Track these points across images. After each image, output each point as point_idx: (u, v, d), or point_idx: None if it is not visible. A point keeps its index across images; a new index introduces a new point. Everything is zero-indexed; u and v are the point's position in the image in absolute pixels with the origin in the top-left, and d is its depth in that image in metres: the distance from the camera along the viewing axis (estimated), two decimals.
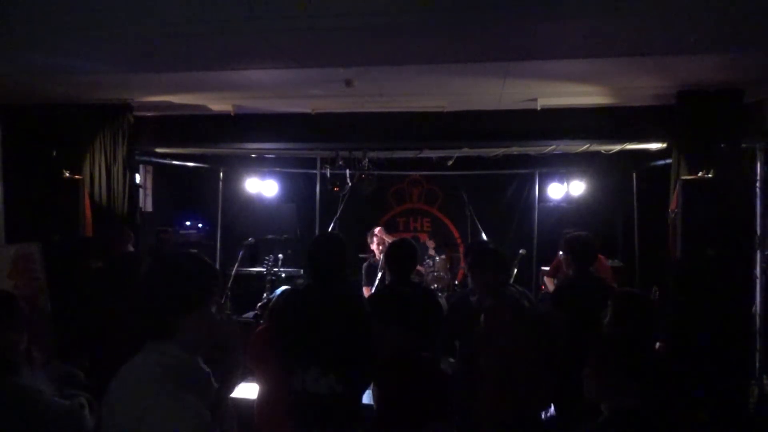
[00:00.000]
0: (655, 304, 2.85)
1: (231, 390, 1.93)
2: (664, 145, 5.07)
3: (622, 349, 1.98)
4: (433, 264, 7.15)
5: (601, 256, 4.89)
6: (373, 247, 6.15)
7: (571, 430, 1.94)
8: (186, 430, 1.45)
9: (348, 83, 4.34)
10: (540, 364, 2.94)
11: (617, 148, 5.37)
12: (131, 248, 4.80)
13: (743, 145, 4.54)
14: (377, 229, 6.20)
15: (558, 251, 6.33)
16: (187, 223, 7.88)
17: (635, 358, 1.94)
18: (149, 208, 7.23)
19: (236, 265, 6.33)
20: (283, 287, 3.75)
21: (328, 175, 6.29)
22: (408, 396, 2.63)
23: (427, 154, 6.18)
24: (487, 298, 3.18)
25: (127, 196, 5.32)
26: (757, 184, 4.72)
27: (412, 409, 2.62)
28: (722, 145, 4.37)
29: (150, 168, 7.08)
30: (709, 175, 4.33)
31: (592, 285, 3.65)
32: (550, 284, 6.21)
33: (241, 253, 6.22)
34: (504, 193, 8.24)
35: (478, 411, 2.97)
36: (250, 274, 7.25)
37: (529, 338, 2.95)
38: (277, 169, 7.95)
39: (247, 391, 3.55)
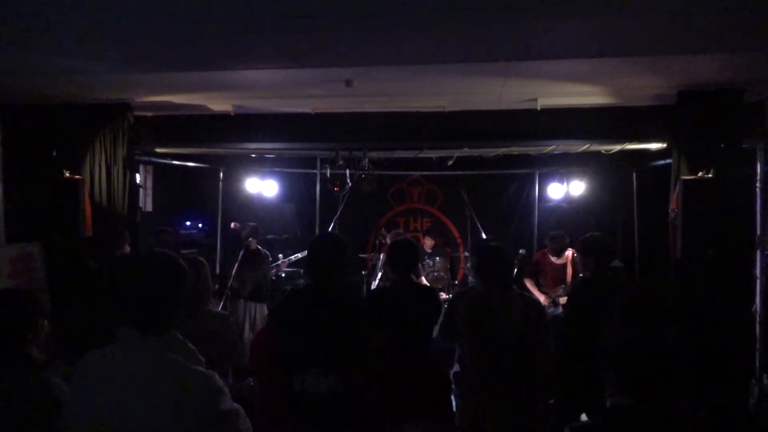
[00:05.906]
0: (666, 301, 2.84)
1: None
2: (664, 145, 5.06)
3: (626, 349, 1.98)
4: (433, 264, 7.14)
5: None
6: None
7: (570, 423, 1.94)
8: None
9: (348, 83, 4.34)
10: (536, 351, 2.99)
11: (617, 148, 5.37)
12: (128, 249, 4.79)
13: (743, 145, 4.54)
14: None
15: (539, 250, 6.32)
16: (187, 223, 7.88)
17: (639, 358, 1.93)
18: (149, 208, 7.23)
19: (236, 265, 6.32)
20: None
21: (328, 175, 6.28)
22: (397, 392, 2.62)
23: (427, 154, 6.18)
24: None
25: (127, 196, 5.32)
26: (757, 184, 4.72)
27: (398, 405, 2.61)
28: (722, 145, 4.37)
29: (150, 168, 7.08)
30: (709, 175, 4.33)
31: (610, 285, 3.62)
32: (531, 286, 6.08)
33: (241, 253, 6.21)
34: (504, 193, 8.25)
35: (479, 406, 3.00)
36: None
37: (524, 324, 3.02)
38: (277, 169, 7.95)
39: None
